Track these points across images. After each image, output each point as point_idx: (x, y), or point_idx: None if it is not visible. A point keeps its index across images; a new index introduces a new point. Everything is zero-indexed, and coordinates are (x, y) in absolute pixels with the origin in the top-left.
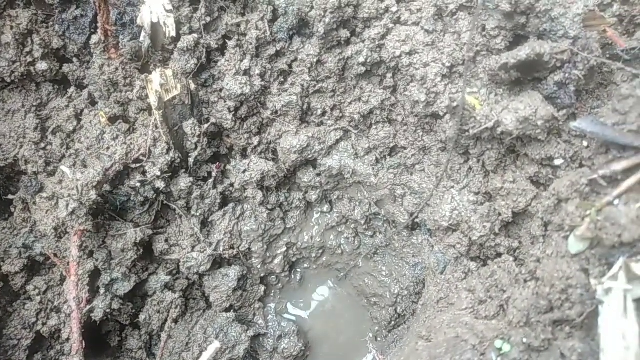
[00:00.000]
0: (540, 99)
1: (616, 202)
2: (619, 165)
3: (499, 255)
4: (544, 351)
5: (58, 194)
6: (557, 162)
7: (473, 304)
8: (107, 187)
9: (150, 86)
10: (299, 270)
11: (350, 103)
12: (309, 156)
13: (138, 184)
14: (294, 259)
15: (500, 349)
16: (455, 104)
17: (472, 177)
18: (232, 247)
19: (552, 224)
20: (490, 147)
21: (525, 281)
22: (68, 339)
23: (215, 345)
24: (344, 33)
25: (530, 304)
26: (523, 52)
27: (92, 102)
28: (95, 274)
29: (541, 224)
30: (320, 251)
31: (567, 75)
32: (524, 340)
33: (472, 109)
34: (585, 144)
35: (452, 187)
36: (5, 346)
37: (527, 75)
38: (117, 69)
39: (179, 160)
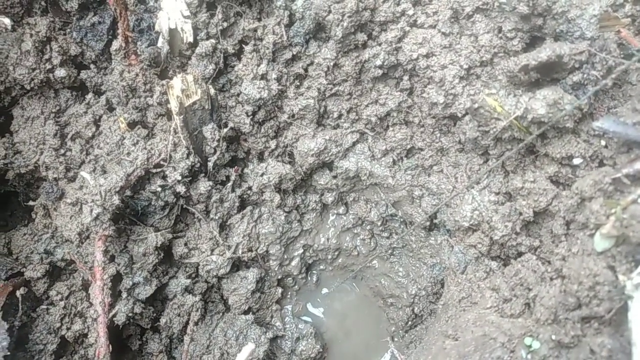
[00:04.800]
0: (562, 91)
1: None
2: None
3: (520, 254)
4: (573, 348)
5: (81, 199)
6: (576, 161)
7: (498, 303)
8: (128, 192)
9: (172, 91)
10: (315, 272)
11: (366, 105)
12: (326, 159)
13: (159, 189)
14: (310, 261)
15: (529, 346)
16: (476, 105)
17: (492, 177)
18: (250, 250)
19: (575, 222)
20: (510, 148)
21: (552, 279)
22: (92, 344)
23: (250, 347)
24: (361, 36)
25: (558, 302)
26: (544, 53)
27: (110, 108)
28: (117, 279)
29: (563, 222)
30: (336, 253)
31: (585, 75)
32: (553, 337)
33: (492, 110)
34: (603, 143)
35: (473, 187)
36: (32, 351)
37: (545, 77)
38: (137, 75)
39: (198, 164)
